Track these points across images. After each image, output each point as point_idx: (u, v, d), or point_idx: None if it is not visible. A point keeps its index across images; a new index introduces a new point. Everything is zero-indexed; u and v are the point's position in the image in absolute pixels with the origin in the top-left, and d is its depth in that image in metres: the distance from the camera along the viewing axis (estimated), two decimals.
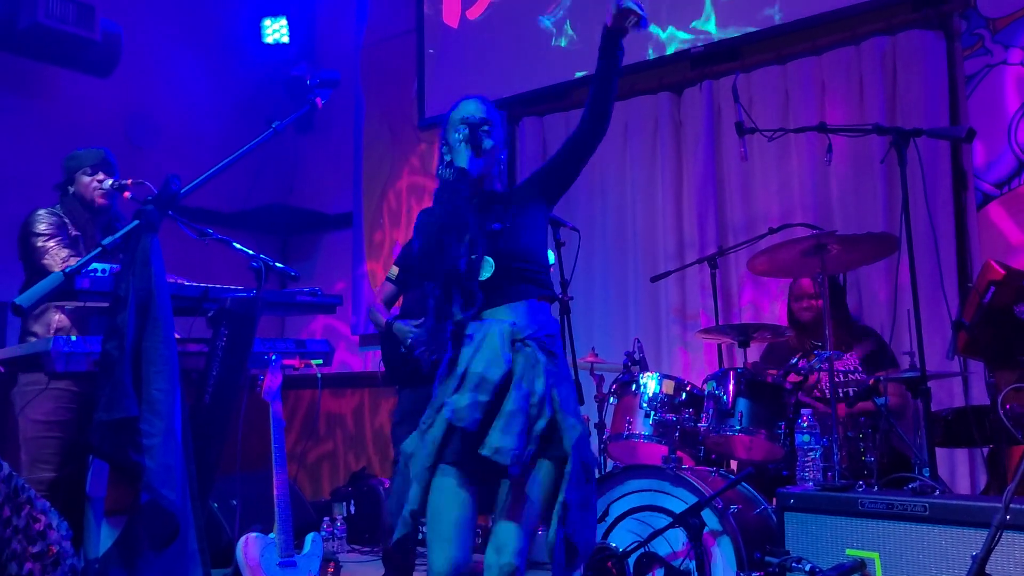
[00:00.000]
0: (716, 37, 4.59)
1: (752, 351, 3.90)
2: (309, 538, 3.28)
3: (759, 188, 4.45)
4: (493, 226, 2.29)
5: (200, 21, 6.01)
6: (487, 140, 2.32)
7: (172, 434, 1.96)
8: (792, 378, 3.50)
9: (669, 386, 3.49)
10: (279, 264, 2.94)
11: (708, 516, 2.94)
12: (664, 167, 4.73)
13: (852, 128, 3.44)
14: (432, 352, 2.30)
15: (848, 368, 3.74)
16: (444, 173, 2.37)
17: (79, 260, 1.96)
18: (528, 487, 2.17)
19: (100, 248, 1.95)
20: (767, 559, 2.75)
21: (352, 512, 5.21)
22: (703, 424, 3.39)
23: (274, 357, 3.09)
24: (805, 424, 3.00)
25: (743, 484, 3.16)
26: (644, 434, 3.43)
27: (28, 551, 2.08)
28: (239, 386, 2.71)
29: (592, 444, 4.09)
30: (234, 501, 3.55)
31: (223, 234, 2.94)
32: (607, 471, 3.39)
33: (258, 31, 6.25)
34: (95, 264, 2.36)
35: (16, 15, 4.68)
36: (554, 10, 5.24)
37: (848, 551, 2.64)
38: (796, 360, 3.57)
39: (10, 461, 2.25)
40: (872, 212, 4.07)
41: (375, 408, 5.98)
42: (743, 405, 3.33)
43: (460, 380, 2.18)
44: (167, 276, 2.43)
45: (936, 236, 3.55)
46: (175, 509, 1.93)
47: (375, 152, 6.12)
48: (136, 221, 2.03)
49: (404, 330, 3.98)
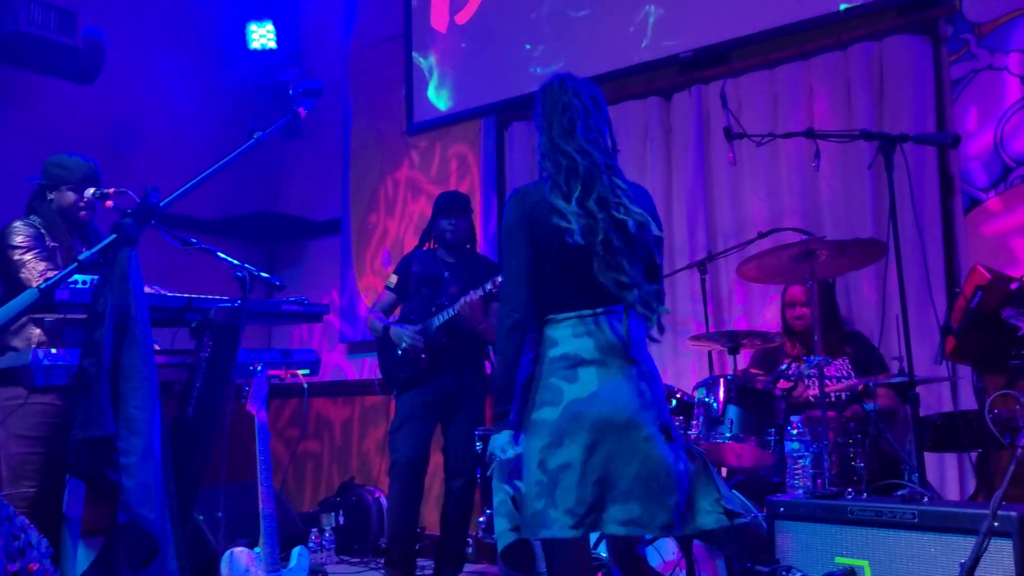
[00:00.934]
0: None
1: (742, 357, 3.89)
2: (295, 552, 3.24)
3: (748, 193, 4.44)
4: None
5: (184, 27, 5.97)
6: None
7: (150, 452, 1.93)
8: (782, 384, 3.49)
9: None
10: (264, 274, 2.90)
11: None
12: (653, 172, 4.72)
13: (839, 134, 3.45)
14: None
15: (840, 374, 3.74)
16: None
17: (56, 274, 1.92)
18: None
19: (77, 263, 1.92)
20: (757, 568, 2.74)
21: (341, 523, 5.18)
22: (693, 431, 3.38)
23: (259, 367, 3.06)
24: (795, 431, 3.00)
25: (733, 492, 3.14)
26: None
27: (7, 569, 2.04)
28: (224, 397, 2.68)
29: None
30: (219, 514, 3.51)
31: (208, 242, 2.91)
32: None
33: (244, 36, 6.21)
34: (75, 276, 2.32)
35: None
36: (543, 13, 5.22)
37: (838, 559, 2.63)
38: (786, 366, 3.57)
39: None
40: (860, 217, 4.06)
41: (364, 416, 5.94)
42: (733, 412, 3.32)
43: None
44: (149, 286, 2.40)
45: (923, 241, 3.55)
46: (154, 529, 1.90)
47: (363, 158, 6.09)
48: (114, 235, 1.99)
49: (401, 333, 3.98)
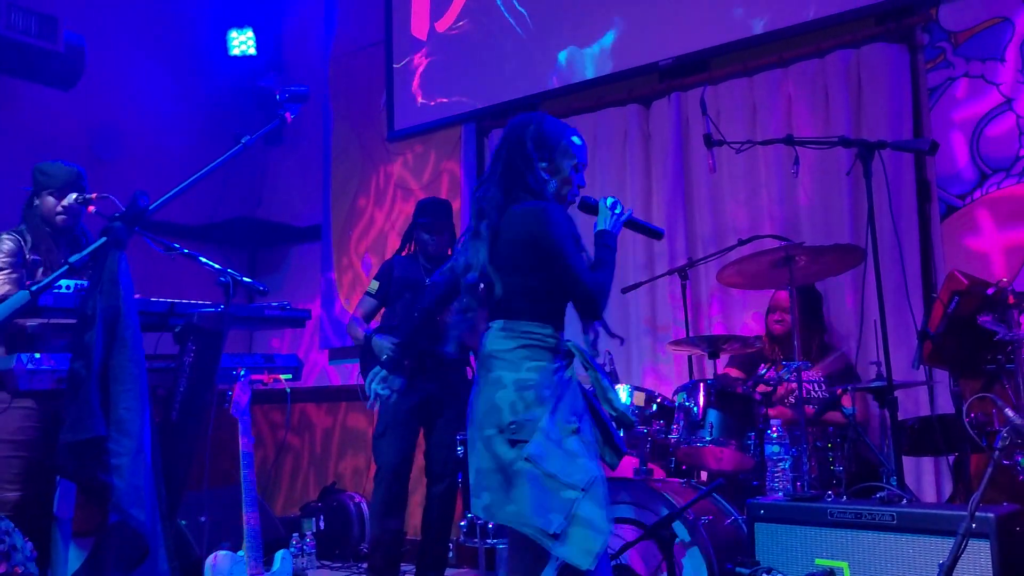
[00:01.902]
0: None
1: (722, 362, 3.92)
2: (279, 555, 3.24)
3: (728, 200, 4.48)
4: None
5: (165, 32, 5.95)
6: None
7: (141, 453, 1.93)
8: (761, 388, 3.53)
9: (640, 398, 3.50)
10: (247, 279, 2.91)
11: (679, 528, 2.95)
12: (633, 179, 4.76)
13: (818, 140, 3.49)
14: None
15: (815, 379, 3.78)
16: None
17: (45, 279, 1.92)
18: None
19: (67, 266, 1.92)
20: (738, 570, 2.76)
21: (322, 527, 5.16)
22: (674, 435, 3.40)
23: (243, 372, 3.06)
24: (775, 435, 3.03)
25: (714, 495, 3.17)
26: None
27: None
28: (207, 402, 2.68)
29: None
30: (202, 518, 3.49)
31: (189, 247, 2.91)
32: None
33: (224, 42, 6.20)
34: (61, 281, 2.32)
35: None
36: (522, 22, 5.25)
37: (817, 561, 2.66)
38: (764, 371, 3.60)
39: None
40: (838, 223, 4.12)
41: (346, 422, 5.93)
42: (713, 416, 3.35)
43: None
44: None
45: (901, 247, 3.60)
46: (144, 530, 1.90)
47: (344, 164, 6.10)
48: (103, 238, 2.00)
49: (383, 345, 3.97)
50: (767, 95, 4.39)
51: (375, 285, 4.24)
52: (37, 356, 2.53)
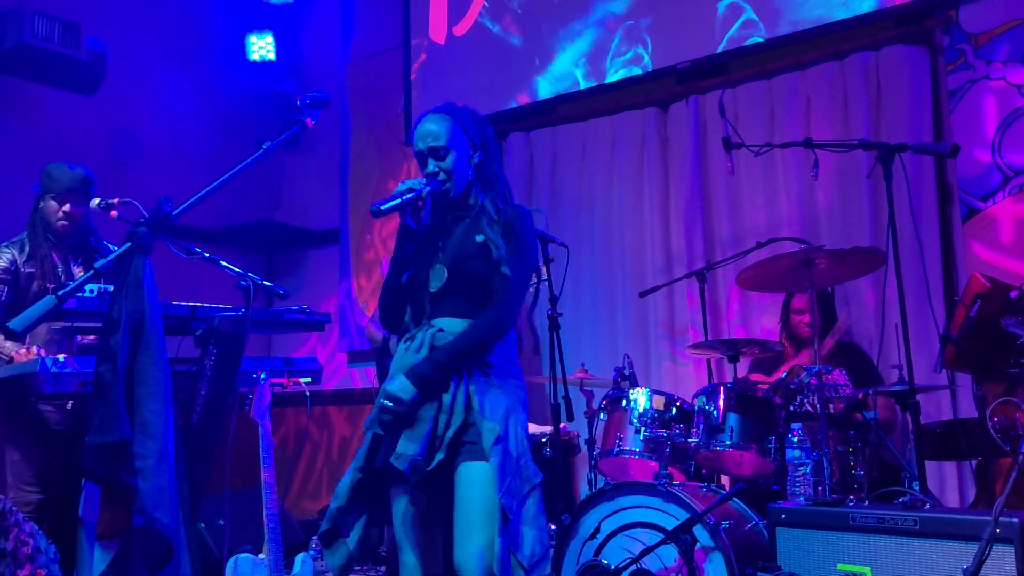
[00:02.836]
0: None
1: (741, 366, 3.90)
2: (299, 558, 3.25)
3: (746, 202, 4.47)
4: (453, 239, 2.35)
5: (185, 38, 6.00)
6: (428, 186, 2.31)
7: (165, 456, 1.95)
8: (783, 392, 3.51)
9: (659, 401, 3.49)
10: (267, 282, 2.93)
11: (700, 532, 2.93)
12: (651, 182, 4.75)
13: (838, 143, 3.47)
14: None
15: (838, 382, 3.75)
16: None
17: (71, 283, 1.95)
18: (461, 493, 2.18)
19: (93, 271, 1.94)
20: (759, 575, 2.75)
21: None
22: (693, 439, 3.39)
23: (263, 376, 3.07)
24: (796, 439, 3.01)
25: (734, 499, 3.15)
26: (635, 450, 3.43)
27: (16, 575, 2.05)
28: (228, 405, 2.69)
29: (582, 460, 4.11)
30: (222, 521, 3.51)
31: (208, 251, 2.93)
32: (598, 488, 3.38)
33: (243, 48, 6.24)
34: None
35: (2, 35, 4.67)
36: (541, 25, 5.26)
37: (840, 566, 2.64)
38: (786, 375, 3.58)
39: None
40: (858, 226, 4.10)
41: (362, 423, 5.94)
42: (733, 420, 3.33)
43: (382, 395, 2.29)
44: None
45: (922, 250, 3.58)
46: (168, 532, 1.92)
47: (362, 168, 6.12)
48: (128, 243, 2.02)
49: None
50: (785, 98, 4.37)
51: None
52: (61, 359, 2.56)
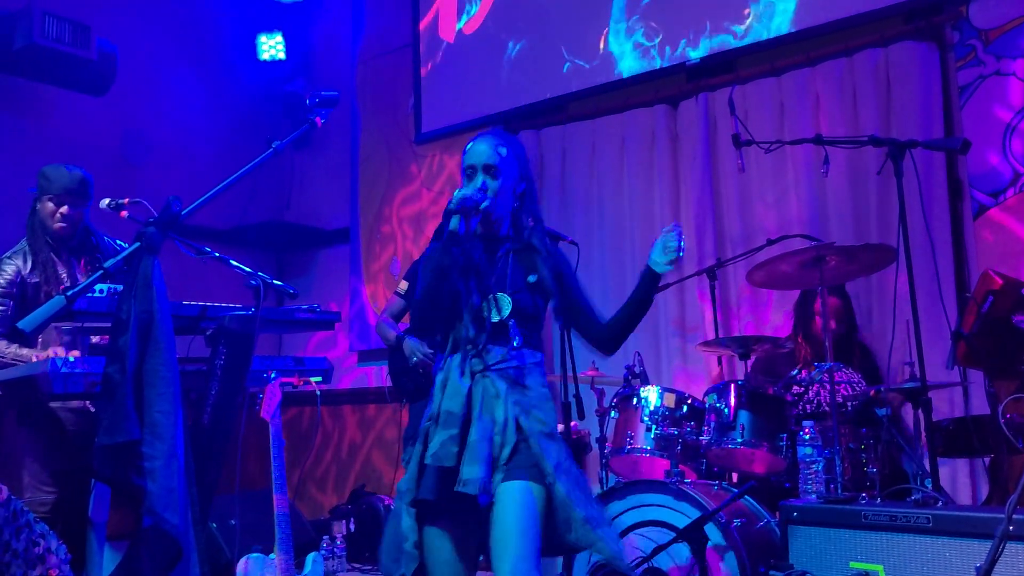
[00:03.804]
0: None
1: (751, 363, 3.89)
2: (310, 558, 3.26)
3: (756, 200, 4.45)
4: (509, 269, 2.36)
5: (195, 38, 6.02)
6: (484, 199, 2.28)
7: (174, 457, 1.95)
8: (795, 390, 3.50)
9: (670, 399, 3.49)
10: (277, 281, 2.93)
11: (711, 530, 2.93)
12: (661, 179, 4.74)
13: (849, 140, 3.46)
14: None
15: (852, 379, 3.73)
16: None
17: (80, 284, 1.95)
18: (513, 515, 2.12)
19: (102, 271, 1.95)
20: (771, 573, 2.74)
21: (352, 530, 5.18)
22: (705, 437, 3.38)
23: (273, 375, 3.07)
24: (807, 436, 3.00)
25: (746, 497, 3.14)
26: (646, 448, 3.43)
27: (27, 575, 2.06)
28: (238, 405, 2.69)
29: (594, 458, 4.10)
30: (233, 521, 3.52)
31: (218, 250, 2.93)
32: (609, 486, 3.38)
33: (254, 48, 6.26)
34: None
35: (12, 35, 4.68)
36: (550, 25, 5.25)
37: (852, 564, 2.63)
38: (797, 371, 3.57)
39: (10, 483, 2.23)
40: (867, 223, 4.08)
41: (375, 424, 5.96)
42: (744, 418, 3.32)
43: (435, 416, 2.23)
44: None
45: (933, 247, 3.55)
46: (178, 533, 1.92)
47: (372, 167, 6.13)
48: (137, 243, 2.02)
49: (414, 347, 4.00)
50: (795, 95, 4.35)
51: (404, 285, 4.26)
52: (71, 359, 2.57)
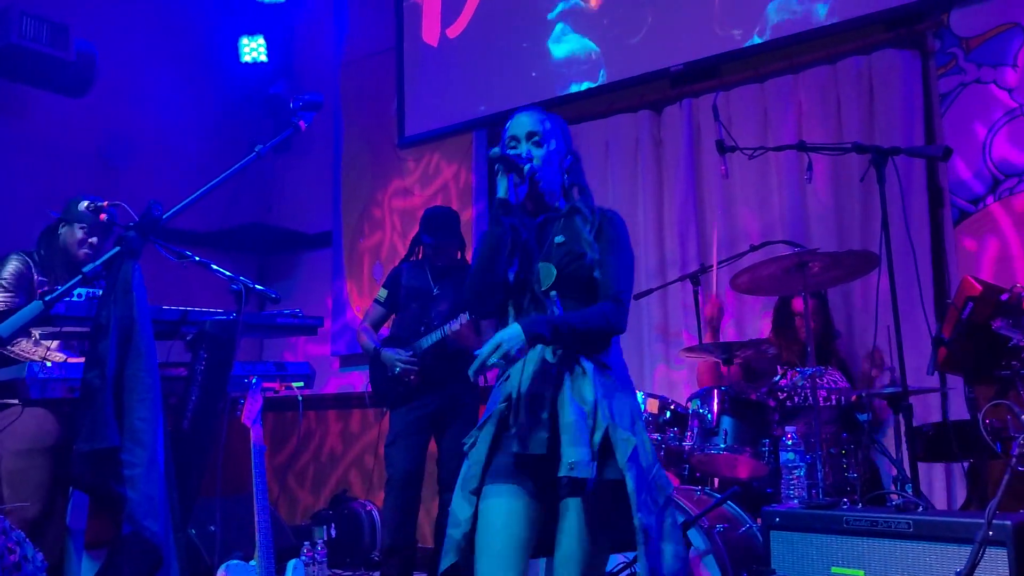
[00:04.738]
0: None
1: (735, 369, 3.90)
2: (291, 565, 3.23)
3: (740, 206, 4.47)
4: (563, 243, 2.24)
5: (176, 40, 5.97)
6: (527, 164, 2.21)
7: (154, 464, 1.93)
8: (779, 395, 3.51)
9: (653, 405, 3.49)
10: (259, 286, 2.91)
11: (694, 536, 2.93)
12: (645, 185, 4.75)
13: (832, 146, 3.47)
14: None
15: (834, 378, 3.74)
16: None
17: (59, 288, 1.93)
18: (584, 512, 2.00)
19: (81, 275, 1.93)
20: None
21: (333, 536, 5.15)
22: (688, 443, 3.39)
23: (254, 380, 3.05)
24: (790, 441, 3.01)
25: (728, 503, 3.15)
26: None
27: None
28: (219, 411, 2.67)
29: None
30: (213, 527, 3.49)
31: (200, 254, 2.91)
32: None
33: (235, 50, 6.22)
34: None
35: None
36: (535, 27, 5.25)
37: (833, 569, 2.64)
38: (780, 376, 3.58)
39: None
40: (850, 229, 4.10)
41: (356, 430, 5.93)
42: (727, 423, 3.33)
43: (515, 400, 2.08)
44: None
45: (914, 253, 3.57)
46: (158, 541, 1.89)
47: (355, 171, 6.10)
48: (117, 247, 2.00)
49: (392, 358, 3.97)
50: (778, 101, 4.37)
51: (384, 293, 4.23)
52: (49, 364, 2.54)
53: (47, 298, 1.84)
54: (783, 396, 3.46)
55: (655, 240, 4.68)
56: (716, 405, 3.37)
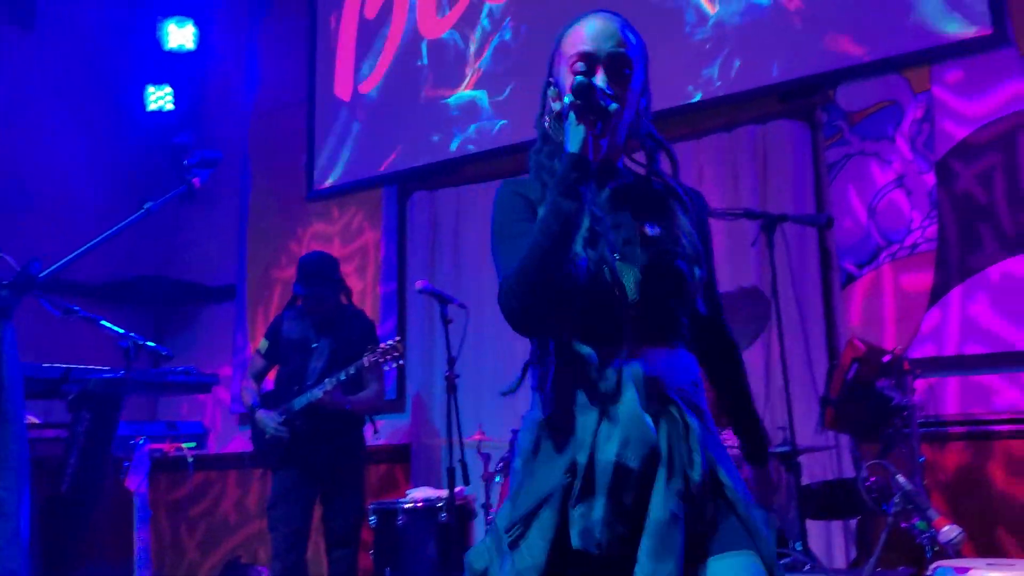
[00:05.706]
0: None
1: None
2: None
3: None
4: (646, 227, 1.57)
5: (80, 84, 5.84)
6: (613, 103, 1.47)
7: (17, 536, 1.83)
8: None
9: None
10: (151, 342, 2.82)
11: None
12: None
13: (726, 212, 3.60)
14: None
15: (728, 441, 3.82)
16: (545, 139, 1.62)
17: None
18: None
19: None
20: None
21: None
22: None
23: (141, 441, 2.94)
24: None
25: None
26: None
27: None
28: (101, 474, 2.56)
29: (480, 525, 4.05)
30: None
31: (95, 307, 2.82)
32: None
33: (142, 97, 6.11)
34: None
35: None
36: (451, 84, 5.32)
37: None
38: None
39: None
40: (746, 291, 4.22)
41: (251, 492, 5.70)
42: None
43: (583, 470, 1.40)
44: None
45: (804, 315, 3.72)
46: None
47: (262, 222, 6.01)
48: None
49: (266, 421, 3.83)
50: (680, 165, 4.49)
51: (264, 344, 4.09)
52: None
53: None
54: None
55: None
56: None
